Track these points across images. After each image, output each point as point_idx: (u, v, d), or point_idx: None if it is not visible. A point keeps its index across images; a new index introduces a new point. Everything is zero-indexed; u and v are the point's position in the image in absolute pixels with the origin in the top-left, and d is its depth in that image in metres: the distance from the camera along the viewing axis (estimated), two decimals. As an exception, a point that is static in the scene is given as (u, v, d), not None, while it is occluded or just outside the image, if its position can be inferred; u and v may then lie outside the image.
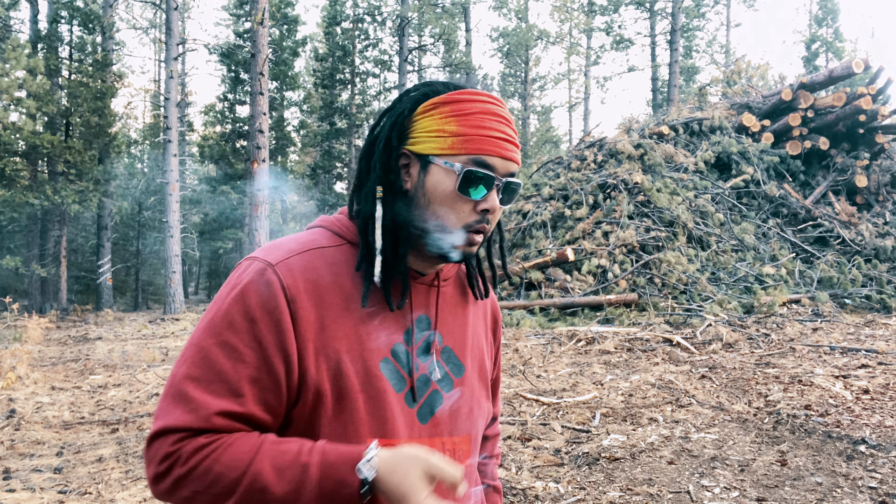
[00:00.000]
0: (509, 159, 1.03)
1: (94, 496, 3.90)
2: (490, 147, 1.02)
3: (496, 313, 1.29)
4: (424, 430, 1.08)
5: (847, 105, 12.64)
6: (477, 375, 1.18)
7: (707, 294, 9.56)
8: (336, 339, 1.00)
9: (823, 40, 31.97)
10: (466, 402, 1.14)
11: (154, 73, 39.30)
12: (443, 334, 1.13)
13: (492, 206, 1.03)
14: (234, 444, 0.93)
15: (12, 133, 18.47)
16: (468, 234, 1.04)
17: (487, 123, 1.02)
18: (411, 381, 1.06)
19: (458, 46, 29.86)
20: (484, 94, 1.05)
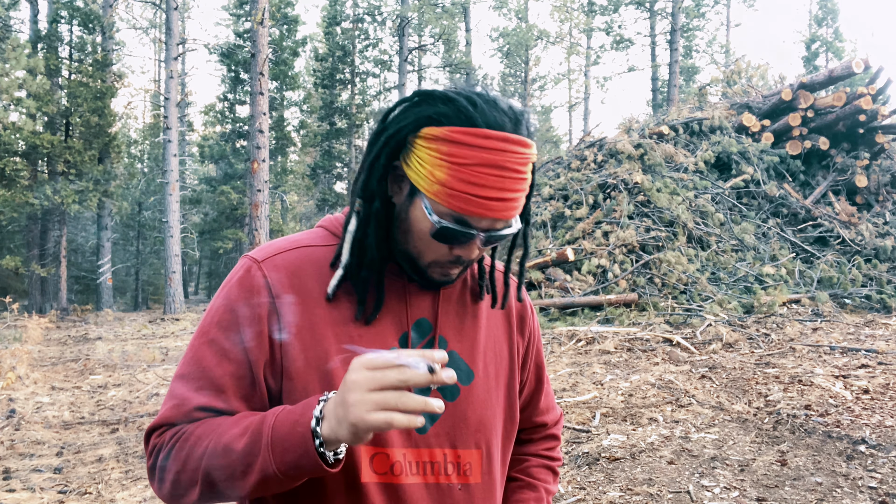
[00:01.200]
0: (498, 217, 0.94)
1: (94, 496, 3.90)
2: (475, 209, 0.92)
3: (523, 312, 1.19)
4: (423, 439, 1.02)
5: (847, 105, 12.64)
6: (494, 383, 1.10)
7: (707, 294, 9.56)
8: (325, 340, 0.98)
9: (823, 40, 31.97)
10: (476, 412, 1.06)
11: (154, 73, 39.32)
12: (447, 338, 1.06)
13: (469, 256, 0.98)
14: (207, 421, 0.94)
15: (12, 133, 18.47)
16: (442, 268, 1.01)
17: (482, 179, 0.91)
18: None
19: (458, 46, 29.87)
20: (495, 139, 0.91)
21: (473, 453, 1.05)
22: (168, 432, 0.95)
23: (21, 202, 18.14)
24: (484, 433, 1.06)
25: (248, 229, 18.12)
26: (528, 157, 0.94)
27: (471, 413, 1.05)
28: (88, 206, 19.77)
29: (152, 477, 0.96)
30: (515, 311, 1.18)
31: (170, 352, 9.69)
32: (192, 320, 15.11)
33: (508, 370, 1.14)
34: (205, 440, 0.90)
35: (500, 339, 1.14)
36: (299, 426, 0.85)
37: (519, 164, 0.93)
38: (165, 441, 0.94)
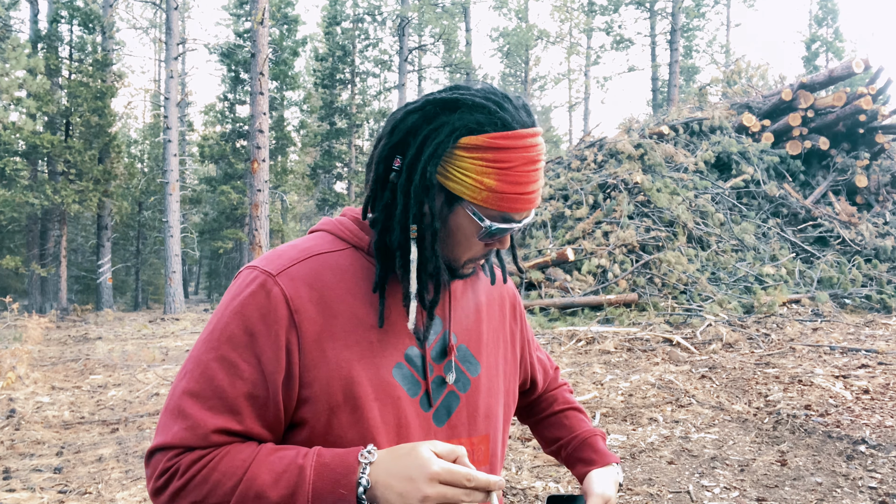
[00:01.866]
0: (535, 207, 1.02)
1: (94, 496, 3.90)
2: (522, 206, 0.98)
3: (514, 300, 1.26)
4: (441, 432, 1.05)
5: (847, 105, 12.64)
6: (496, 370, 1.16)
7: (707, 294, 9.56)
8: (347, 348, 0.98)
9: (823, 40, 31.97)
10: (484, 401, 1.11)
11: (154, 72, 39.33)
12: (456, 333, 1.10)
13: (502, 247, 1.06)
14: (231, 452, 0.92)
15: (12, 133, 18.47)
16: (475, 262, 1.07)
17: (525, 178, 0.96)
18: (426, 384, 1.04)
19: (458, 46, 29.87)
20: (527, 136, 0.96)
21: (483, 438, 1.11)
22: (186, 457, 0.92)
23: (21, 202, 18.13)
24: (491, 420, 1.12)
25: (248, 229, 18.12)
26: (544, 149, 1.02)
27: (480, 402, 1.11)
28: (88, 206, 19.77)
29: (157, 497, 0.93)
30: (508, 300, 1.25)
31: (170, 352, 9.69)
32: (192, 320, 15.11)
33: (505, 357, 1.19)
34: (231, 478, 0.89)
35: (498, 329, 1.20)
36: (341, 487, 0.87)
37: (542, 157, 1.00)
38: (183, 467, 0.91)
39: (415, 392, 1.02)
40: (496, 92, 0.98)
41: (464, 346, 1.11)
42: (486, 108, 0.94)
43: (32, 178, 20.20)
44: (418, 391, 1.03)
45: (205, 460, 0.91)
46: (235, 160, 24.90)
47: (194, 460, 0.91)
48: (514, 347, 1.23)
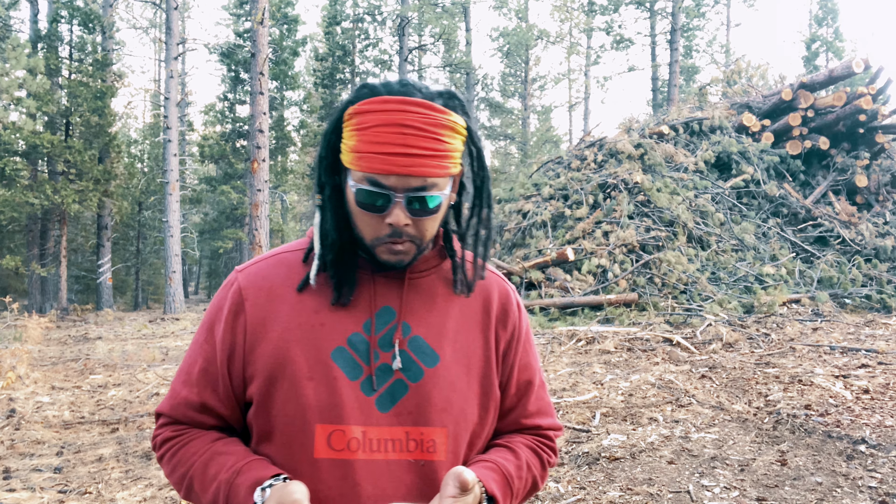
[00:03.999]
0: (405, 174, 0.99)
1: (94, 496, 3.90)
2: (380, 165, 0.99)
3: (507, 306, 1.20)
4: (384, 418, 1.07)
5: (847, 105, 12.64)
6: (465, 369, 1.13)
7: (707, 294, 9.56)
8: (288, 331, 1.08)
9: (823, 40, 31.96)
10: (441, 394, 1.09)
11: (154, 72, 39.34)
12: (411, 324, 1.11)
13: (395, 222, 1.02)
14: (188, 444, 1.12)
15: (12, 133, 18.46)
16: (385, 246, 1.06)
17: (383, 138, 0.99)
18: (368, 369, 1.08)
19: (458, 46, 29.86)
20: (393, 102, 1.00)
21: (439, 431, 1.09)
22: (164, 431, 1.14)
23: (21, 202, 18.13)
24: (451, 413, 1.10)
25: (248, 229, 18.12)
26: (435, 118, 1.01)
27: (436, 394, 1.09)
28: (88, 206, 19.76)
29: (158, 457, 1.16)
30: (497, 303, 1.19)
31: (170, 352, 9.68)
32: (192, 320, 15.11)
33: (483, 359, 1.15)
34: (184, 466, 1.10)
35: (474, 329, 1.16)
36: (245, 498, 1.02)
37: (423, 122, 1.00)
38: (159, 442, 1.14)
39: (355, 376, 1.08)
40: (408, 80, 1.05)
41: (419, 338, 1.11)
42: (370, 85, 1.04)
43: (32, 178, 20.20)
44: (359, 375, 1.08)
45: (170, 443, 1.13)
46: (235, 160, 24.89)
47: (164, 440, 1.14)
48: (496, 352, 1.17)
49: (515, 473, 1.14)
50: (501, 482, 1.10)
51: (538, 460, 1.21)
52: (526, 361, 1.21)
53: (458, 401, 1.11)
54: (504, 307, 1.20)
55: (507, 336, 1.19)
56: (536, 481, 1.20)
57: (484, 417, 1.15)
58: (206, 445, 1.10)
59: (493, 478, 1.10)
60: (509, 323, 1.19)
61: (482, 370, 1.15)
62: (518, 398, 1.21)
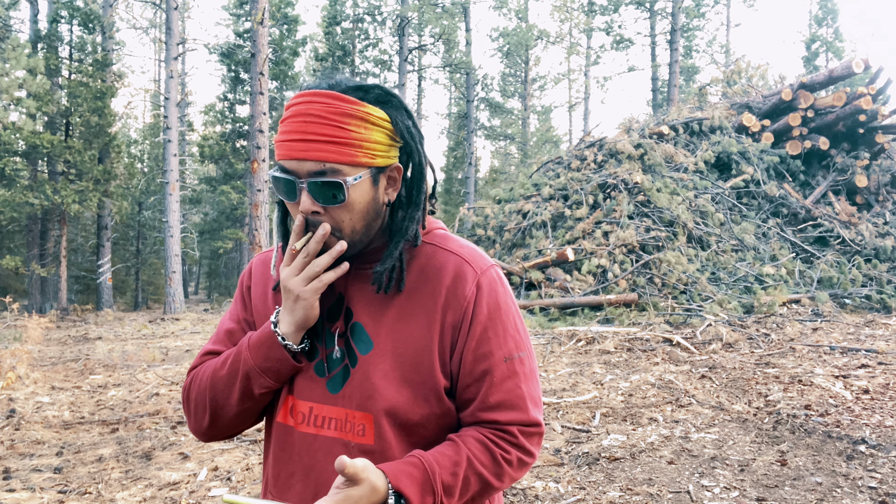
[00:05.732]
0: (302, 158, 1.06)
1: (94, 496, 3.90)
2: (283, 151, 1.08)
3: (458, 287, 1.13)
4: (336, 399, 1.15)
5: (847, 105, 12.64)
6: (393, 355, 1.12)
7: (707, 294, 9.56)
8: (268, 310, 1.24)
9: (823, 40, 31.96)
10: (369, 381, 1.11)
11: (154, 72, 39.35)
12: (355, 311, 1.16)
13: (303, 209, 1.08)
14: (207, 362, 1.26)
15: (12, 133, 18.46)
16: None
17: (289, 126, 1.07)
18: (324, 352, 1.17)
19: (458, 46, 29.85)
20: (305, 95, 1.08)
21: (367, 417, 1.12)
22: (188, 376, 1.28)
23: (21, 202, 18.13)
24: (378, 401, 1.12)
25: (248, 229, 18.12)
26: (339, 107, 1.07)
27: (366, 380, 1.13)
28: (88, 206, 19.76)
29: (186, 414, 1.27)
30: (447, 286, 1.14)
31: (170, 352, 9.68)
32: (192, 320, 15.10)
33: (420, 345, 1.12)
34: (206, 370, 1.23)
35: (418, 315, 1.13)
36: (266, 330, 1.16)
37: (325, 111, 1.06)
38: (184, 389, 1.27)
39: (312, 357, 1.18)
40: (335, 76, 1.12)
41: (359, 325, 1.16)
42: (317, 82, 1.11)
43: (32, 178, 20.20)
44: (315, 357, 1.18)
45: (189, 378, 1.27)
46: (235, 160, 24.89)
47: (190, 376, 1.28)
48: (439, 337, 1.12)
49: (448, 470, 1.07)
50: (419, 478, 1.04)
51: (488, 456, 1.11)
52: (485, 350, 1.12)
53: (385, 389, 1.11)
54: (454, 289, 1.13)
55: (455, 320, 1.13)
56: (486, 479, 1.10)
57: (414, 406, 1.12)
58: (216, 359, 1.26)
59: (407, 472, 1.05)
60: (458, 306, 1.13)
61: (415, 357, 1.12)
62: (476, 389, 1.13)
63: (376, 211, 1.14)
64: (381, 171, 1.12)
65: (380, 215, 1.15)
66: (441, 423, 1.15)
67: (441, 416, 1.15)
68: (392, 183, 1.16)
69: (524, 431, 1.14)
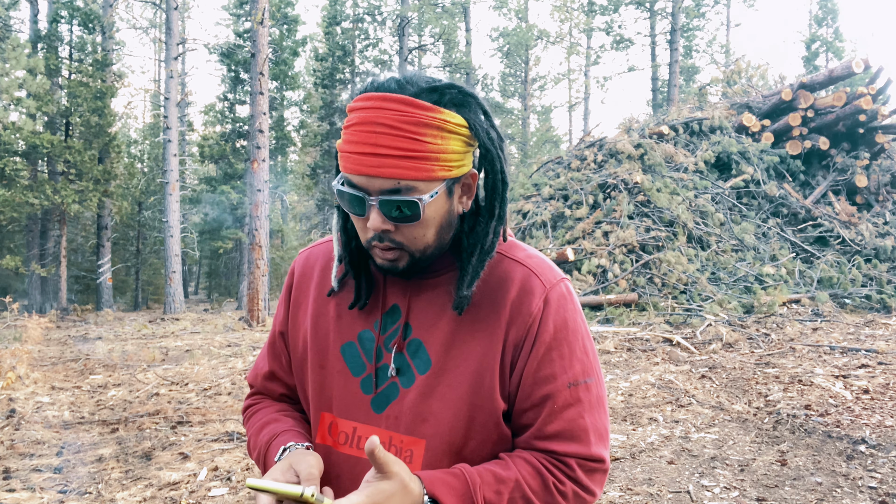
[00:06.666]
0: (374, 175, 0.94)
1: (94, 496, 3.90)
2: (350, 164, 0.97)
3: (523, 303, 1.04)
4: (380, 419, 1.07)
5: (847, 105, 12.64)
6: (454, 377, 1.04)
7: (707, 294, 9.56)
8: (313, 318, 1.15)
9: (823, 40, 31.96)
10: (425, 402, 1.04)
11: (154, 72, 39.33)
12: (414, 326, 1.07)
13: (373, 226, 0.98)
14: (256, 413, 1.25)
15: (12, 133, 18.46)
16: (375, 250, 1.03)
17: (358, 137, 0.95)
18: (372, 367, 1.08)
19: (458, 46, 29.85)
20: (374, 99, 0.95)
21: (417, 442, 1.04)
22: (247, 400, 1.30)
23: (21, 202, 18.13)
24: (432, 425, 1.03)
25: (248, 229, 18.12)
26: (414, 115, 0.94)
27: (420, 402, 1.04)
28: (88, 206, 19.76)
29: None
30: (512, 301, 1.05)
31: (170, 352, 9.68)
32: (191, 320, 15.09)
33: (480, 366, 1.03)
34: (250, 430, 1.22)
35: (480, 333, 1.04)
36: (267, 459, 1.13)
37: (398, 120, 0.94)
38: (243, 409, 1.29)
39: (358, 372, 1.09)
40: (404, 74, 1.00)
41: (418, 341, 1.06)
42: (371, 80, 1.00)
43: (32, 178, 20.19)
44: (362, 372, 1.09)
45: (248, 411, 1.27)
46: (235, 160, 24.89)
47: (246, 407, 1.29)
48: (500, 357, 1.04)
49: (492, 487, 0.98)
50: (458, 489, 0.96)
51: (540, 482, 1.01)
52: (548, 372, 1.03)
53: (441, 412, 1.03)
54: (519, 305, 1.04)
55: (518, 337, 1.04)
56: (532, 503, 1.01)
57: (471, 432, 1.04)
58: (267, 414, 1.21)
59: (446, 481, 0.97)
60: (523, 323, 1.04)
61: (475, 378, 1.03)
62: (535, 415, 1.04)
63: (450, 223, 1.04)
64: (456, 181, 1.02)
65: (453, 226, 1.06)
66: (496, 451, 1.07)
67: (497, 443, 1.06)
68: (467, 191, 1.06)
69: (584, 465, 1.04)
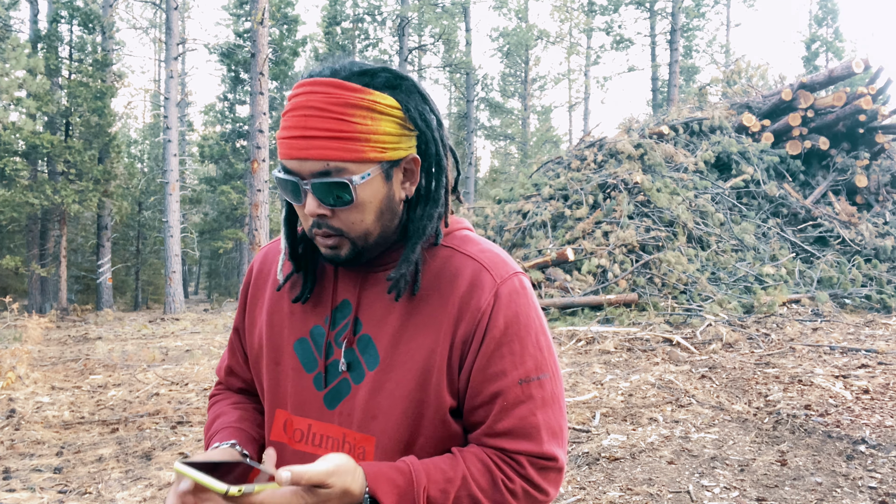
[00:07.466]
0: (303, 158, 0.94)
1: (94, 496, 3.90)
2: (283, 150, 0.97)
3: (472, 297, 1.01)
4: (333, 416, 1.06)
5: (847, 105, 12.64)
6: (402, 373, 1.01)
7: (707, 294, 9.56)
8: (269, 315, 1.15)
9: (823, 40, 31.96)
10: (374, 399, 1.01)
11: (154, 72, 39.34)
12: (363, 321, 1.05)
13: (310, 212, 0.97)
14: (214, 405, 1.28)
15: (12, 133, 18.46)
16: (315, 238, 1.02)
17: (288, 122, 0.96)
18: (322, 364, 1.07)
19: (458, 46, 29.85)
20: (305, 84, 0.96)
21: (369, 439, 1.03)
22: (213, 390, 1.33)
23: (21, 202, 18.13)
24: (381, 421, 1.01)
25: (248, 229, 18.12)
26: (341, 96, 0.94)
27: (370, 399, 1.02)
28: (88, 206, 19.76)
29: None
30: (460, 295, 1.01)
31: (170, 352, 9.68)
32: (191, 320, 15.09)
33: (426, 361, 1.00)
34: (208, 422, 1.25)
35: (429, 326, 1.01)
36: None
37: (325, 102, 0.94)
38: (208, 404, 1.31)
39: (311, 368, 1.08)
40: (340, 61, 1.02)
41: (368, 336, 1.04)
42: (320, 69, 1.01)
43: (32, 178, 20.19)
44: (314, 368, 1.08)
45: (210, 402, 1.31)
46: (235, 160, 24.90)
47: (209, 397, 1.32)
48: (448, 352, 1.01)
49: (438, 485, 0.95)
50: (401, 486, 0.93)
51: (488, 479, 0.98)
52: (497, 369, 0.99)
53: (391, 410, 1.01)
54: (468, 300, 1.01)
55: (467, 334, 1.00)
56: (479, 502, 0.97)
57: (419, 429, 1.02)
58: (221, 407, 1.26)
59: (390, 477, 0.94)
60: (472, 318, 1.00)
61: (422, 374, 1.00)
62: (485, 413, 1.01)
63: (391, 209, 1.01)
64: (394, 165, 1.00)
65: (396, 214, 1.03)
66: (446, 447, 1.04)
67: (446, 440, 1.04)
68: (410, 176, 1.03)
69: (535, 463, 1.00)
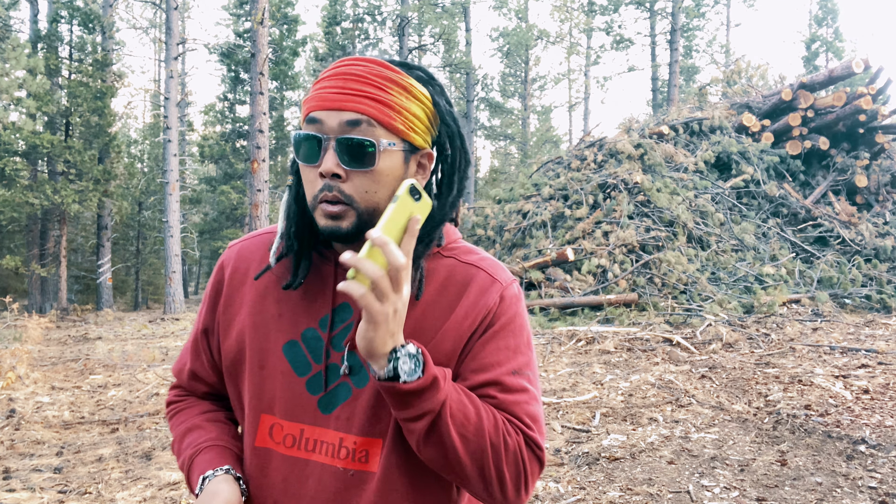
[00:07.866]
0: (339, 108, 0.95)
1: (94, 496, 3.90)
2: (316, 102, 0.97)
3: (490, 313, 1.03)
4: (328, 420, 1.02)
5: (847, 105, 12.64)
6: None
7: (707, 294, 9.56)
8: (248, 315, 1.09)
9: (823, 40, 31.96)
10: (381, 402, 1.00)
11: (154, 72, 39.32)
12: None
13: (325, 169, 0.95)
14: (180, 413, 1.21)
15: (12, 133, 18.46)
16: (320, 206, 0.98)
17: (324, 84, 0.98)
18: (319, 367, 1.03)
19: (458, 46, 29.84)
20: (346, 60, 0.99)
21: (374, 442, 1.01)
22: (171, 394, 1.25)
23: (21, 202, 18.12)
24: (392, 425, 1.00)
25: (248, 229, 18.12)
26: (382, 72, 0.97)
27: (376, 401, 1.00)
28: (88, 206, 19.75)
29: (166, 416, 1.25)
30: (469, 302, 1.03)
31: (170, 352, 9.68)
32: (191, 320, 15.10)
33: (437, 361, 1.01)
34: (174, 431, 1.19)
35: (435, 330, 1.02)
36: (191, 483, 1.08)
37: (364, 72, 0.97)
38: (166, 404, 1.25)
39: (303, 372, 1.04)
40: None
41: None
42: None
43: (32, 178, 20.19)
44: (307, 372, 1.04)
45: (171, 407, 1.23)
46: (235, 160, 24.89)
47: (169, 402, 1.25)
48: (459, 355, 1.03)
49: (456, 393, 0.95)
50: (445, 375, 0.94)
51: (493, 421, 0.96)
52: (493, 360, 1.01)
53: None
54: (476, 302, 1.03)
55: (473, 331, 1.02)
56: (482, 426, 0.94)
57: None
58: (190, 417, 1.18)
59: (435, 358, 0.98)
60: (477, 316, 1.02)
61: None
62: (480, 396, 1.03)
63: None
64: (413, 152, 1.01)
65: None
66: None
67: None
68: (421, 170, 1.04)
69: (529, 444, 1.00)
